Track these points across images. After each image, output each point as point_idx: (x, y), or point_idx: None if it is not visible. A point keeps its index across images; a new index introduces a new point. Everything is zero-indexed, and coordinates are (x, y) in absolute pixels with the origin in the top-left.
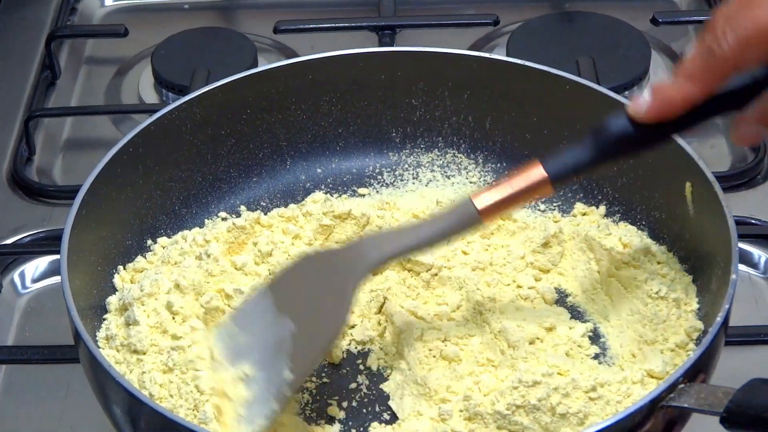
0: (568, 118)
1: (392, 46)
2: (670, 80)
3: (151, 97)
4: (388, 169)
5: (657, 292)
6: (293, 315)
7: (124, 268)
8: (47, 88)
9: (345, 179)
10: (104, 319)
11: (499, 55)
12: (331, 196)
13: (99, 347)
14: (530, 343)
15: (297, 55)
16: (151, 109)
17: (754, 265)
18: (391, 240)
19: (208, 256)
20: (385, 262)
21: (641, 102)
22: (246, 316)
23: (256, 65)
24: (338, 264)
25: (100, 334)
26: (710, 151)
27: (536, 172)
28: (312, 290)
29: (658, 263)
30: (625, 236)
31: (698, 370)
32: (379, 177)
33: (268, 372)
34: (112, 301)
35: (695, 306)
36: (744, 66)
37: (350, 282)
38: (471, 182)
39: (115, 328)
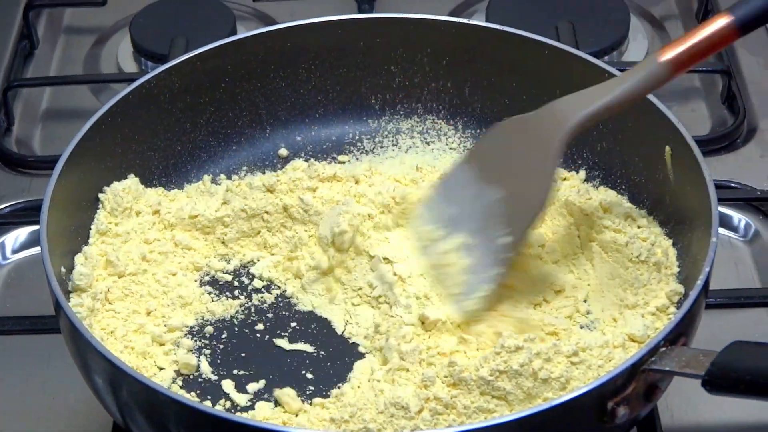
0: (547, 83)
1: (371, 12)
2: None
3: (130, 66)
4: (368, 136)
5: (638, 256)
6: (499, 182)
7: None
8: (25, 58)
9: (325, 146)
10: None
11: (478, 21)
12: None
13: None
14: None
15: (276, 23)
16: (129, 78)
17: (734, 229)
18: (586, 99)
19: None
20: (583, 123)
21: None
22: (449, 188)
23: (235, 33)
24: (536, 128)
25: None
26: (690, 115)
27: (722, 20)
28: (514, 156)
29: (639, 227)
30: (606, 200)
31: (679, 334)
32: (359, 144)
33: (484, 239)
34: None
35: (675, 270)
36: None
37: (552, 144)
38: (451, 148)
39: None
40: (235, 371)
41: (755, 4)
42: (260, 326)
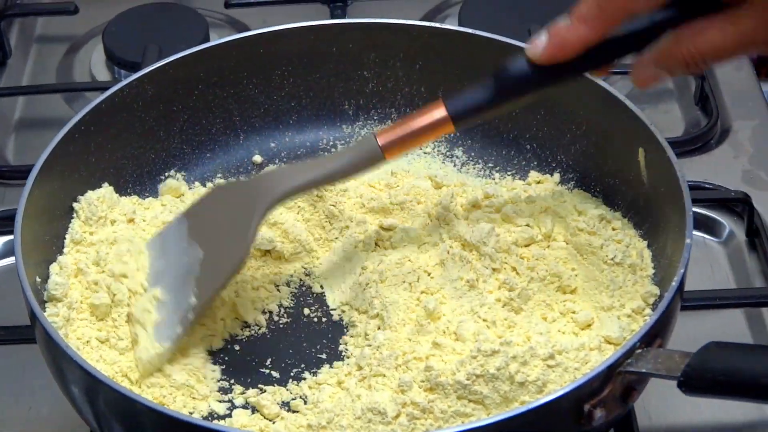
0: None
1: (344, 18)
2: (566, 22)
3: (103, 74)
4: (342, 142)
5: (612, 258)
6: (203, 242)
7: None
8: None
9: (299, 153)
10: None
11: (451, 25)
12: None
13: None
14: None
15: (249, 29)
16: (103, 87)
17: (708, 230)
18: (296, 173)
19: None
20: (288, 195)
21: (538, 43)
22: (163, 241)
23: (207, 40)
24: (245, 195)
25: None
26: (663, 116)
27: (438, 111)
28: (221, 219)
29: (613, 229)
30: (580, 203)
31: (655, 335)
32: (333, 149)
33: (177, 296)
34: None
35: (651, 271)
36: (636, 10)
37: (254, 214)
38: (425, 152)
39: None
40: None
41: (468, 100)
42: None
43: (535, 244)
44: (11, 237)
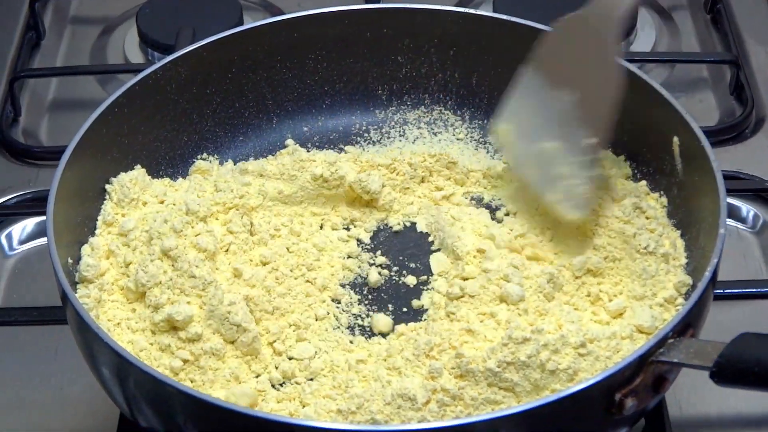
0: None
1: (378, 2)
2: None
3: (136, 56)
4: (375, 127)
5: (645, 247)
6: (568, 86)
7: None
8: (32, 49)
9: (331, 137)
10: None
11: (485, 11)
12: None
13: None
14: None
15: (283, 13)
16: (136, 69)
17: (742, 220)
18: None
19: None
20: (627, 13)
21: None
22: (521, 100)
23: (241, 23)
24: (588, 26)
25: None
26: (698, 105)
27: None
28: (576, 58)
29: (647, 218)
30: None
31: (687, 325)
32: (366, 135)
33: (569, 142)
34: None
35: (684, 261)
36: None
37: (610, 39)
38: (458, 138)
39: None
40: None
41: None
42: None
43: None
44: (43, 218)
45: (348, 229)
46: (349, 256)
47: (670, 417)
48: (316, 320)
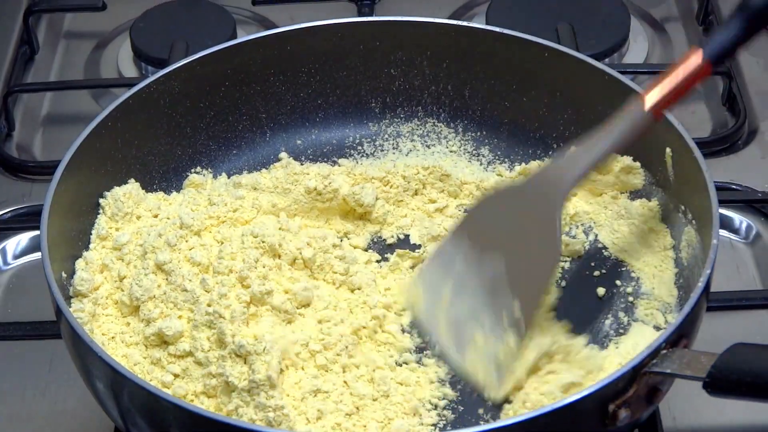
0: (547, 86)
1: (371, 16)
2: None
3: (130, 70)
4: (368, 140)
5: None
6: (500, 250)
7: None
8: (26, 64)
9: (325, 150)
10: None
11: (478, 24)
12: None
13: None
14: None
15: (276, 27)
16: (130, 83)
17: (735, 231)
18: (574, 162)
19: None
20: (577, 182)
21: None
22: (444, 262)
23: (235, 37)
24: (531, 197)
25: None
26: (691, 117)
27: (694, 58)
28: (512, 226)
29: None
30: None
31: (680, 336)
32: (359, 147)
33: (494, 312)
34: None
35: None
36: None
37: (554, 208)
38: (451, 151)
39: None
40: None
41: (721, 41)
42: None
43: None
44: (38, 232)
45: (341, 241)
46: None
47: (664, 428)
48: None
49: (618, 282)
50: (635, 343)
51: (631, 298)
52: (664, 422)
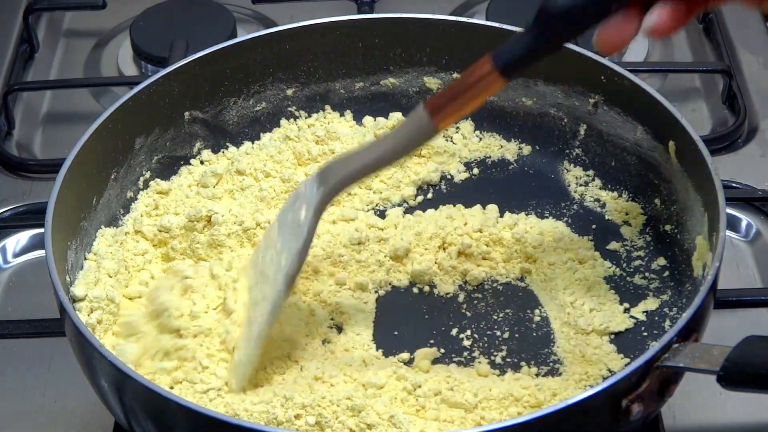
0: (546, 81)
1: (371, 13)
2: None
3: (130, 69)
4: None
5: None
6: (284, 239)
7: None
8: (26, 62)
9: None
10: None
11: (479, 20)
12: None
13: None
14: None
15: (276, 25)
16: (130, 82)
17: (735, 229)
18: (348, 163)
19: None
20: (343, 184)
21: None
22: (264, 247)
23: (235, 36)
24: (301, 194)
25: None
26: (691, 115)
27: (483, 67)
28: (292, 216)
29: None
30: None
31: (690, 330)
32: None
33: (268, 289)
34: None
35: None
36: None
37: (309, 207)
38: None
39: None
40: None
41: (512, 49)
42: None
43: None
44: (37, 231)
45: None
46: None
47: (665, 426)
48: None
49: None
50: None
51: None
52: (665, 421)
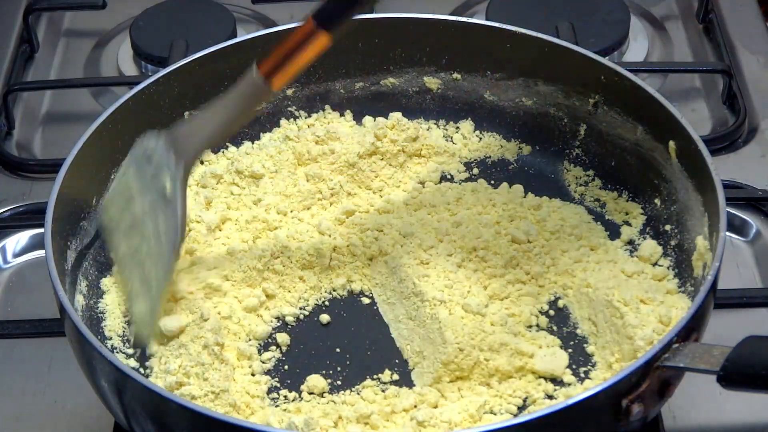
0: (547, 81)
1: (371, 13)
2: None
3: (130, 69)
4: None
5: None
6: (160, 215)
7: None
8: (26, 62)
9: None
10: None
11: (479, 20)
12: None
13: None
14: None
15: (276, 25)
16: (130, 82)
17: (735, 229)
18: (200, 132)
19: None
20: (199, 156)
21: None
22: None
23: (234, 36)
24: (155, 158)
25: None
26: (691, 115)
27: (307, 26)
28: (152, 184)
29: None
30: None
31: (691, 329)
32: None
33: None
34: None
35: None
36: None
37: (176, 184)
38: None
39: None
40: None
41: (332, 6)
42: None
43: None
44: (37, 231)
45: None
46: None
47: (665, 426)
48: None
49: None
50: None
51: None
52: (665, 421)
